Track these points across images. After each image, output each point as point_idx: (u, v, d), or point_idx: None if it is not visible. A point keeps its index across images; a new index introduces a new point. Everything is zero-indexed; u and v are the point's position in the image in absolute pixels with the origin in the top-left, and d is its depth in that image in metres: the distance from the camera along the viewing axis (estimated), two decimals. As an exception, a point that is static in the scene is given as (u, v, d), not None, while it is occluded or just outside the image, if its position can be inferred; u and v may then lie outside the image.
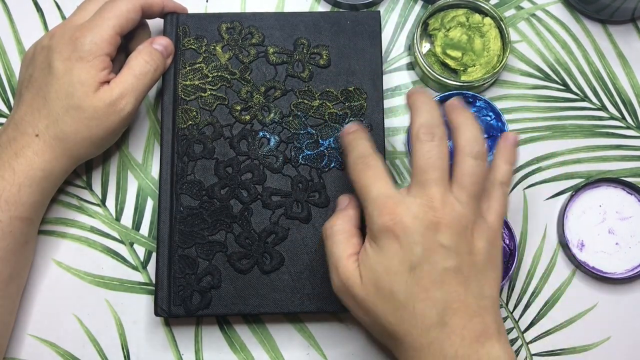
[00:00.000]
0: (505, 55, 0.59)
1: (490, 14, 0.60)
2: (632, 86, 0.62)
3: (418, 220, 0.44)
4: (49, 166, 0.52)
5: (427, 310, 0.44)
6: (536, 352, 0.57)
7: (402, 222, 0.44)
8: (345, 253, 0.47)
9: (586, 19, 0.63)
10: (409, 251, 0.44)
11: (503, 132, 0.58)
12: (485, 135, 0.59)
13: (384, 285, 0.44)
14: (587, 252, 0.58)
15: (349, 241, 0.47)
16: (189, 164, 0.56)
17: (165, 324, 0.57)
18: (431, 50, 0.61)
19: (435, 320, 0.44)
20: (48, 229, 0.58)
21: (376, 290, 0.45)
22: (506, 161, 0.49)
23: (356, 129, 0.50)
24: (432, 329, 0.44)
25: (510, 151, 0.49)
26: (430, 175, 0.45)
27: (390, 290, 0.44)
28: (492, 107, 0.58)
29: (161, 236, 0.55)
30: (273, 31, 0.59)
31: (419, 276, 0.44)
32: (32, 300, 0.57)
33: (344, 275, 0.46)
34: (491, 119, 0.59)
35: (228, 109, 0.57)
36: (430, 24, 0.61)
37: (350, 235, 0.48)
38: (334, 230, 0.48)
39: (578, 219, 0.58)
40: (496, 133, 0.58)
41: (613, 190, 0.59)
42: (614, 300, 0.58)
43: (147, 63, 0.54)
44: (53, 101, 0.52)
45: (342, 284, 0.46)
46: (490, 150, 0.59)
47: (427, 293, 0.44)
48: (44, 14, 0.63)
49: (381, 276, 0.44)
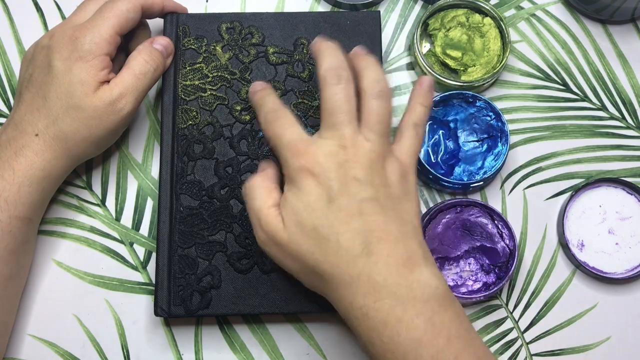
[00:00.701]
0: (505, 55, 0.59)
1: (490, 14, 0.60)
2: (632, 86, 0.62)
3: (331, 157, 0.46)
4: (49, 166, 0.52)
5: (350, 242, 0.44)
6: (536, 352, 0.57)
7: (316, 160, 0.46)
8: (265, 204, 0.48)
9: (586, 19, 0.63)
10: (326, 186, 0.45)
11: (501, 130, 0.58)
12: (484, 135, 0.59)
13: (306, 222, 0.45)
14: (587, 252, 0.58)
15: (269, 195, 0.48)
16: (188, 164, 0.56)
17: (165, 324, 0.57)
18: (431, 50, 0.61)
19: (360, 250, 0.44)
20: (48, 229, 0.58)
21: (299, 229, 0.45)
22: (421, 103, 0.51)
23: (263, 87, 0.51)
24: (358, 260, 0.44)
25: (426, 94, 0.51)
26: (339, 117, 0.47)
27: (312, 225, 0.45)
28: (492, 107, 0.58)
29: (161, 236, 0.55)
30: (273, 31, 0.59)
31: (338, 209, 0.45)
32: (32, 300, 0.57)
33: (266, 224, 0.47)
34: (491, 119, 0.59)
35: (228, 109, 0.57)
36: (430, 24, 0.61)
37: (270, 190, 0.49)
38: (253, 186, 0.49)
39: (578, 219, 0.58)
40: (496, 133, 0.58)
41: (613, 190, 0.59)
42: (614, 300, 0.58)
43: (147, 63, 0.54)
44: (53, 101, 0.52)
45: (265, 234, 0.47)
46: (491, 151, 0.59)
47: (348, 225, 0.45)
48: (44, 14, 0.63)
49: (302, 214, 0.45)
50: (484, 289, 0.56)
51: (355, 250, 0.44)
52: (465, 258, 0.57)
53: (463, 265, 0.57)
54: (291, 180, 0.47)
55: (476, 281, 0.57)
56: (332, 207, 0.45)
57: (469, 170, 0.58)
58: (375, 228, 0.45)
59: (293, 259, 0.47)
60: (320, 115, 0.48)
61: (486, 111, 0.59)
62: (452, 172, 0.58)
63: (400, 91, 0.62)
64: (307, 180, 0.46)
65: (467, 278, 0.57)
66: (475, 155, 0.59)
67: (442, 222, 0.57)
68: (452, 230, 0.57)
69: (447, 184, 0.57)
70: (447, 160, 0.59)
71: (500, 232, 0.57)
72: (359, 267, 0.44)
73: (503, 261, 0.57)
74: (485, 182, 0.58)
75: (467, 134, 0.59)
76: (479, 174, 0.58)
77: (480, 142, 0.59)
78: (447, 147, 0.59)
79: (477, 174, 0.58)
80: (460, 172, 0.58)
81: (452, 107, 0.59)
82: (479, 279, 0.57)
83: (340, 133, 0.46)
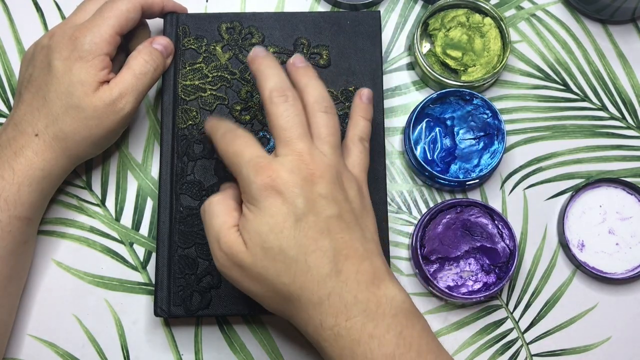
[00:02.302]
0: (506, 55, 0.59)
1: (490, 14, 0.60)
2: (632, 86, 0.62)
3: (294, 174, 0.45)
4: (48, 166, 0.52)
5: (319, 261, 0.44)
6: (536, 353, 0.57)
7: (280, 177, 0.44)
8: (226, 224, 0.46)
9: (586, 19, 0.63)
10: (292, 204, 0.44)
11: (498, 128, 0.58)
12: (481, 133, 0.59)
13: (272, 244, 0.44)
14: (587, 253, 0.58)
15: (230, 214, 0.46)
16: (188, 164, 0.56)
17: (165, 324, 0.57)
18: (431, 50, 0.61)
19: (329, 269, 0.44)
20: (48, 229, 0.58)
21: (264, 252, 0.44)
22: (363, 117, 0.51)
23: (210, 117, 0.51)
24: (327, 279, 0.44)
25: (366, 107, 0.52)
26: (293, 132, 0.46)
27: (279, 248, 0.44)
28: (489, 105, 0.58)
29: (161, 236, 0.55)
30: (273, 31, 0.59)
31: (306, 227, 0.44)
32: (32, 300, 0.57)
33: (227, 246, 0.45)
34: (488, 116, 0.59)
35: (228, 109, 0.57)
36: (430, 23, 0.61)
37: (231, 209, 0.47)
38: (213, 204, 0.47)
39: (578, 219, 0.58)
40: (493, 131, 0.59)
41: (613, 190, 0.59)
42: (614, 300, 0.58)
43: (147, 63, 0.54)
44: (52, 101, 0.52)
45: (226, 257, 0.45)
46: (487, 149, 0.59)
47: (316, 243, 0.44)
48: (44, 14, 0.63)
49: (267, 236, 0.44)
50: (484, 289, 0.56)
51: (324, 269, 0.44)
52: (465, 258, 0.57)
53: (463, 265, 0.57)
54: (253, 200, 0.45)
55: (476, 281, 0.57)
56: (300, 227, 0.44)
57: (465, 168, 0.58)
58: (342, 246, 0.45)
59: (257, 282, 0.45)
60: (272, 134, 0.47)
61: (483, 109, 0.59)
62: (449, 170, 0.58)
63: (400, 91, 0.62)
64: (271, 199, 0.44)
65: (468, 278, 0.57)
66: (472, 153, 0.59)
67: (442, 222, 0.57)
68: (452, 230, 0.57)
69: (443, 182, 0.57)
70: (443, 157, 0.59)
71: (500, 232, 0.57)
72: (329, 287, 0.44)
73: (503, 261, 0.57)
74: (482, 180, 0.58)
75: (464, 131, 0.59)
76: (474, 172, 0.58)
77: (476, 139, 0.59)
78: (443, 145, 0.59)
79: (473, 171, 0.58)
80: (456, 169, 0.58)
81: (449, 104, 0.59)
82: (479, 279, 0.57)
83: (297, 147, 0.46)
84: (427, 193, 0.60)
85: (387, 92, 0.61)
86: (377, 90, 0.57)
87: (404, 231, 0.59)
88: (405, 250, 0.59)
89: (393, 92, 0.62)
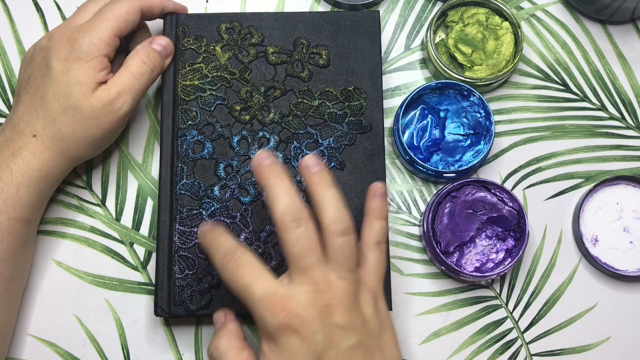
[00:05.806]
0: (514, 62, 0.59)
1: (510, 19, 0.60)
2: (632, 86, 0.62)
3: (311, 308, 0.43)
4: (47, 166, 0.52)
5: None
6: (536, 352, 0.57)
7: (297, 315, 0.43)
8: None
9: (586, 19, 0.63)
10: (312, 342, 0.43)
11: (487, 129, 0.58)
12: (470, 131, 0.59)
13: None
14: (600, 248, 0.58)
15: (240, 356, 0.46)
16: (188, 164, 0.56)
17: (165, 324, 0.57)
18: (443, 41, 0.61)
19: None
20: (48, 229, 0.59)
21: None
22: (378, 217, 0.49)
23: (208, 229, 0.48)
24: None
25: (380, 205, 0.49)
26: (308, 260, 0.44)
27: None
28: (484, 105, 0.58)
29: (161, 236, 0.55)
30: (272, 31, 0.59)
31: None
32: (32, 300, 0.57)
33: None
34: (481, 116, 0.59)
35: (228, 109, 0.57)
36: (449, 15, 0.61)
37: (240, 350, 0.46)
38: (221, 350, 0.47)
39: (594, 214, 0.58)
40: (482, 131, 0.59)
41: (632, 189, 0.59)
42: (614, 300, 0.58)
43: (144, 63, 0.54)
44: (51, 101, 0.52)
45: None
46: (472, 147, 0.59)
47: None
48: (44, 14, 0.63)
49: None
50: (508, 255, 0.56)
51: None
52: (479, 236, 0.57)
53: (480, 242, 0.57)
54: (272, 338, 0.44)
55: (498, 251, 0.57)
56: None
57: (446, 160, 0.59)
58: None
59: None
60: (286, 259, 0.45)
61: (478, 107, 0.59)
62: (430, 159, 0.58)
63: (400, 91, 0.62)
64: (289, 338, 0.43)
65: (489, 252, 0.57)
66: (457, 148, 0.59)
67: (444, 214, 0.57)
68: (457, 216, 0.57)
69: (421, 169, 0.57)
70: (429, 147, 0.59)
71: (500, 198, 0.57)
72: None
73: (514, 223, 0.57)
74: (458, 175, 0.58)
75: (455, 126, 0.60)
76: (454, 166, 0.58)
77: (465, 136, 0.59)
78: (432, 134, 0.59)
79: (453, 165, 0.58)
80: (437, 160, 0.59)
81: (446, 97, 0.59)
82: (500, 248, 0.57)
83: (313, 277, 0.44)
84: (427, 193, 0.60)
85: (387, 92, 0.61)
86: (376, 90, 0.57)
87: (404, 231, 0.59)
88: (405, 250, 0.59)
89: (393, 92, 0.62)
